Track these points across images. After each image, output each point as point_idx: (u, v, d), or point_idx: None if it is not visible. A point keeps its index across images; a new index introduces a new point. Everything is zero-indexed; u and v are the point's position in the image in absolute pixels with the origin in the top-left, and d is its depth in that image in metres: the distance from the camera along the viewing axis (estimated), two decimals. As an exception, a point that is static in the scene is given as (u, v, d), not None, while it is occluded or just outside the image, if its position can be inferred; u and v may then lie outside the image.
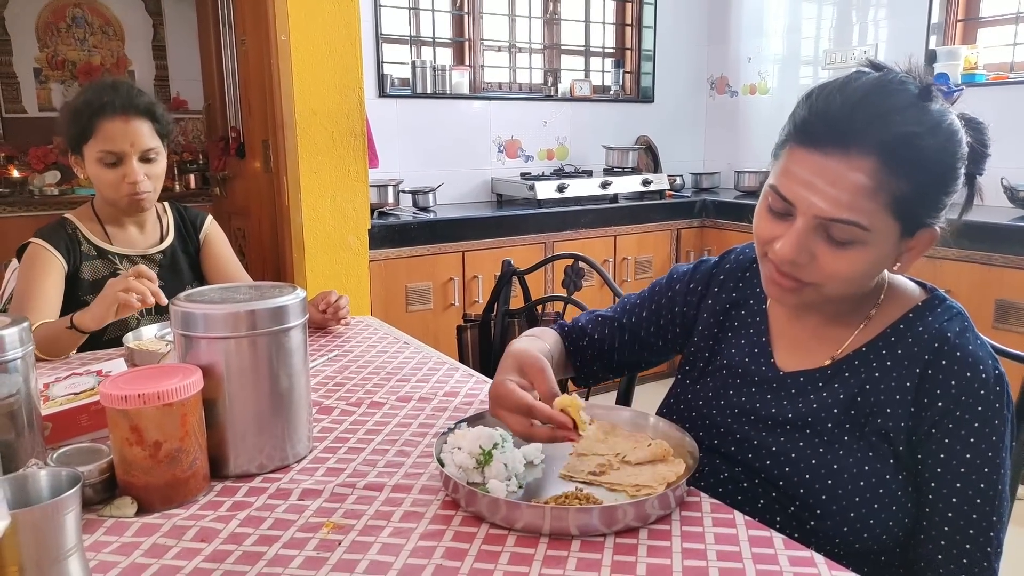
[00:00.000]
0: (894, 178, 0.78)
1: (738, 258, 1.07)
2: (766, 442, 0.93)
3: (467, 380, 1.31)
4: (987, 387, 0.84)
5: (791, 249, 0.82)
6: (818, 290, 0.85)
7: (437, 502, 0.87)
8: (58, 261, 1.57)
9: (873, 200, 0.78)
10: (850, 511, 0.86)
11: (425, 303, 3.08)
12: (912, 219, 0.82)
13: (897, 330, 0.90)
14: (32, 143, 3.79)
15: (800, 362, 0.95)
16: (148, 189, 1.59)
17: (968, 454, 0.83)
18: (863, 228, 0.80)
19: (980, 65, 3.27)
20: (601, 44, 4.24)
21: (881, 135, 0.78)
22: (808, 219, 0.81)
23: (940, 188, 0.82)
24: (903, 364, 0.87)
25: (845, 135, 0.79)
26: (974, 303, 2.69)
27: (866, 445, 0.88)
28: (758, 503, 0.92)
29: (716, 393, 1.01)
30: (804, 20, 3.93)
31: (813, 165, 0.80)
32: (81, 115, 1.54)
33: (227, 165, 3.43)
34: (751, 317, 1.02)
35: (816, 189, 0.80)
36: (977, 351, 0.86)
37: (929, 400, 0.85)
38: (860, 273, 0.84)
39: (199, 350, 0.92)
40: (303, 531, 0.81)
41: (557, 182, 3.46)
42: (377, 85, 3.43)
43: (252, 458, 0.95)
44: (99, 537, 0.80)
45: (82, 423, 1.04)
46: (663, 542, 0.78)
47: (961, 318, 0.90)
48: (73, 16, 3.88)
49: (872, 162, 0.78)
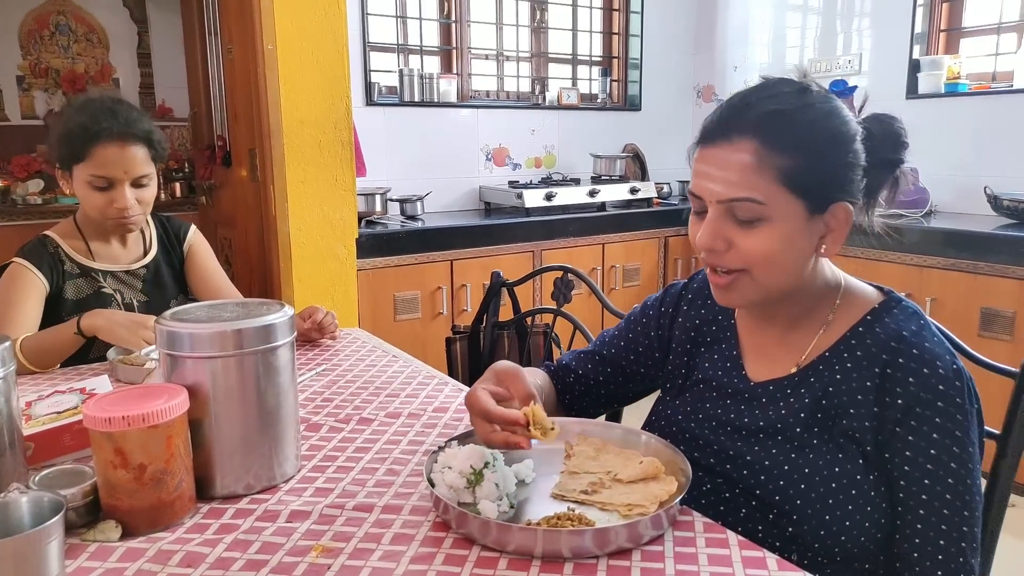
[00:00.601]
0: (775, 152, 0.85)
1: (703, 279, 1.11)
2: (741, 452, 0.95)
3: (457, 395, 1.30)
4: (946, 382, 0.86)
5: (707, 236, 0.89)
6: (751, 278, 0.90)
7: (428, 523, 0.86)
8: (40, 282, 1.54)
9: (759, 175, 0.85)
10: (824, 514, 0.87)
11: (413, 312, 3.06)
12: (813, 194, 0.87)
13: (856, 332, 0.93)
14: (15, 151, 3.74)
15: (769, 371, 0.98)
16: (137, 213, 1.57)
17: (933, 450, 0.85)
18: (759, 203, 0.86)
19: (963, 75, 3.31)
20: (588, 52, 4.26)
21: (756, 117, 0.86)
22: (714, 207, 0.88)
23: (830, 161, 0.87)
24: (863, 365, 0.90)
25: (727, 125, 0.88)
26: (959, 312, 2.71)
27: (835, 447, 0.90)
28: (740, 512, 0.93)
29: (694, 408, 1.03)
30: (789, 29, 3.96)
31: (708, 158, 0.89)
32: (76, 137, 1.49)
33: (213, 174, 3.41)
34: (721, 332, 1.05)
35: (712, 177, 0.88)
36: (934, 348, 0.88)
37: (890, 399, 0.87)
38: (777, 251, 0.87)
39: (185, 369, 0.91)
40: (291, 555, 0.80)
41: (545, 190, 3.46)
42: (364, 93, 3.42)
43: (239, 478, 0.94)
44: (82, 563, 0.79)
45: (65, 443, 1.03)
46: (656, 564, 0.77)
47: (917, 317, 0.93)
48: (57, 24, 3.84)
49: (751, 142, 0.85)
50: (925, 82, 3.34)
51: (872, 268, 2.93)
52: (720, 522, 0.87)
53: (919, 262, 2.85)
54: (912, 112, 3.41)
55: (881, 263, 2.94)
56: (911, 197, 3.16)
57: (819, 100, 0.88)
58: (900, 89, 3.44)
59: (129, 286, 1.65)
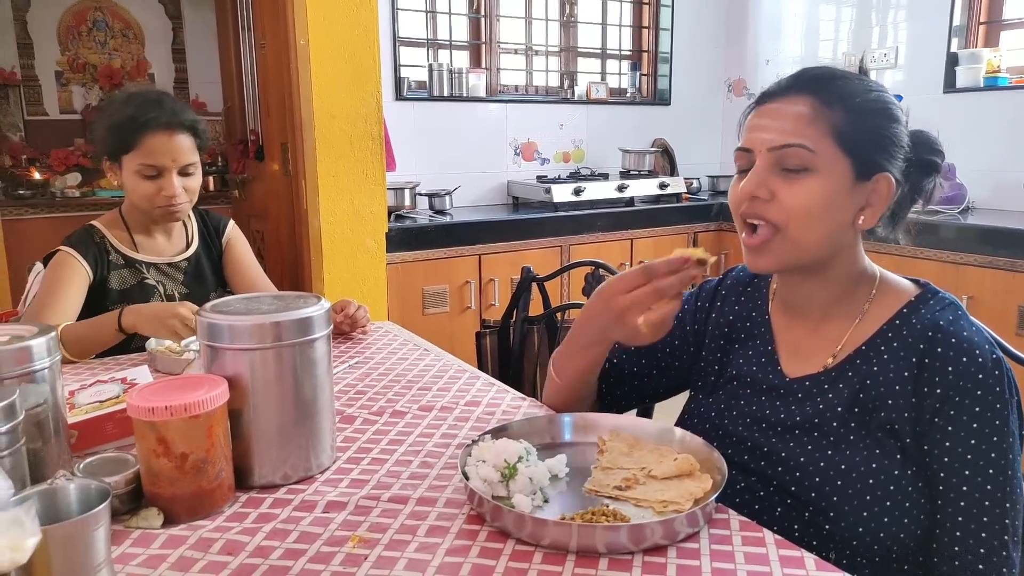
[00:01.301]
0: (829, 109, 0.88)
1: (738, 275, 1.11)
2: (776, 448, 0.95)
3: (488, 389, 1.31)
4: (984, 371, 0.85)
5: (752, 183, 0.90)
6: (784, 237, 0.90)
7: (462, 516, 0.86)
8: (84, 270, 1.58)
9: (813, 126, 0.88)
10: (862, 510, 0.86)
11: (441, 306, 3.08)
12: (861, 157, 0.89)
13: (893, 325, 0.92)
14: (53, 145, 3.83)
15: (805, 367, 0.97)
16: (184, 201, 1.61)
17: (972, 440, 0.84)
18: (810, 150, 0.88)
19: (1003, 68, 3.23)
20: (618, 47, 4.23)
21: (815, 77, 0.92)
22: (763, 156, 0.90)
23: (879, 127, 0.90)
24: (900, 357, 0.90)
25: (784, 89, 0.93)
26: (997, 310, 2.66)
27: (873, 443, 0.89)
28: (776, 511, 0.93)
29: (728, 405, 1.02)
30: (823, 22, 3.89)
31: (762, 114, 0.93)
32: (125, 128, 1.54)
33: (246, 168, 3.45)
34: (755, 328, 1.05)
35: (765, 128, 0.91)
36: (972, 337, 0.88)
37: (928, 389, 0.87)
38: (819, 207, 0.88)
39: (225, 361, 0.92)
40: (329, 545, 0.81)
41: (573, 185, 3.45)
42: (394, 88, 3.44)
43: (276, 468, 0.95)
44: (126, 548, 0.80)
45: (107, 431, 1.05)
46: (692, 561, 0.77)
47: (954, 307, 0.92)
48: (94, 20, 3.92)
49: (808, 98, 0.89)
50: (963, 76, 3.27)
51: (908, 265, 2.88)
52: (755, 521, 0.86)
53: (956, 259, 2.79)
54: (949, 107, 3.34)
55: (917, 260, 2.89)
56: (948, 193, 3.10)
57: (874, 84, 0.93)
58: (937, 83, 3.37)
59: (171, 278, 1.69)
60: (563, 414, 1.06)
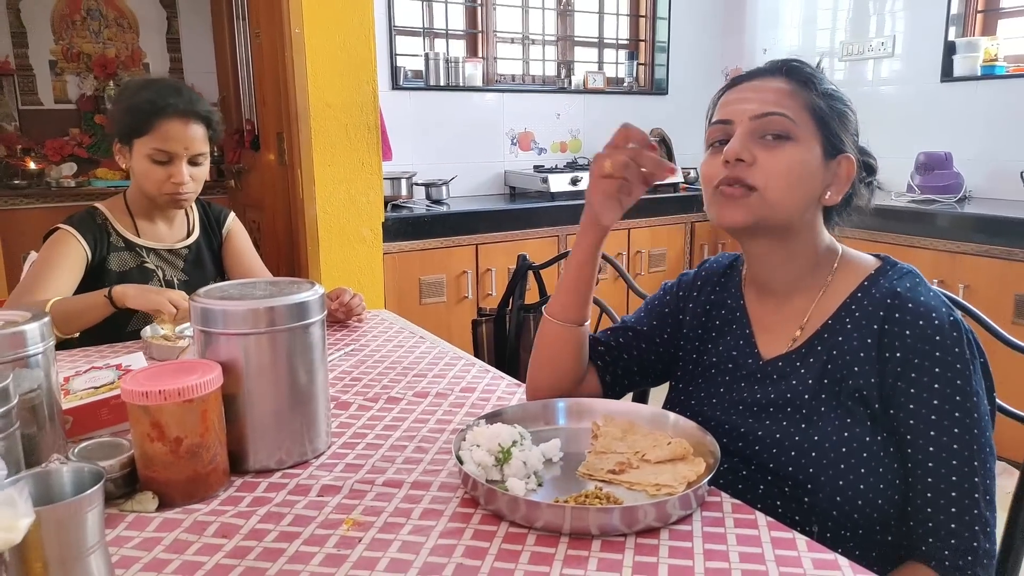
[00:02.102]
0: (804, 90, 0.95)
1: (712, 265, 1.14)
2: (752, 428, 0.97)
3: (483, 376, 1.31)
4: (942, 332, 0.88)
5: (738, 144, 0.93)
6: (760, 196, 0.93)
7: (456, 500, 0.87)
8: (82, 249, 1.59)
9: (792, 99, 0.94)
10: (837, 479, 0.89)
11: (439, 296, 3.08)
12: (829, 135, 0.95)
13: (855, 298, 0.96)
14: (48, 135, 3.81)
15: (777, 345, 1.01)
16: (191, 190, 1.63)
17: (935, 400, 0.87)
18: (790, 120, 0.93)
19: (1000, 57, 3.23)
20: (615, 36, 4.22)
21: (787, 68, 0.98)
22: (745, 124, 0.94)
23: (843, 113, 0.97)
24: (862, 325, 0.93)
25: (759, 72, 0.99)
26: (993, 298, 2.66)
27: (844, 413, 0.91)
28: (758, 490, 0.95)
29: (707, 392, 1.05)
30: (820, 11, 3.88)
31: (740, 91, 0.98)
32: (142, 111, 1.56)
33: (242, 158, 3.44)
34: (731, 314, 1.07)
35: (746, 99, 0.96)
36: (929, 301, 0.91)
37: (889, 353, 0.90)
38: (796, 172, 0.93)
39: (219, 346, 0.92)
40: (323, 528, 0.81)
41: (570, 175, 3.45)
42: (390, 77, 3.43)
43: (271, 453, 0.95)
44: (121, 532, 0.81)
45: (102, 417, 1.05)
46: (685, 543, 0.77)
47: (912, 275, 0.96)
48: (88, 9, 3.89)
49: (784, 78, 0.97)
50: (961, 64, 3.26)
51: (904, 253, 2.88)
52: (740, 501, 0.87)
53: (952, 248, 2.80)
54: (947, 95, 3.34)
55: (913, 249, 2.89)
56: (945, 182, 3.10)
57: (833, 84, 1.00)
58: (935, 72, 3.37)
59: (171, 264, 1.69)
60: (557, 399, 1.06)
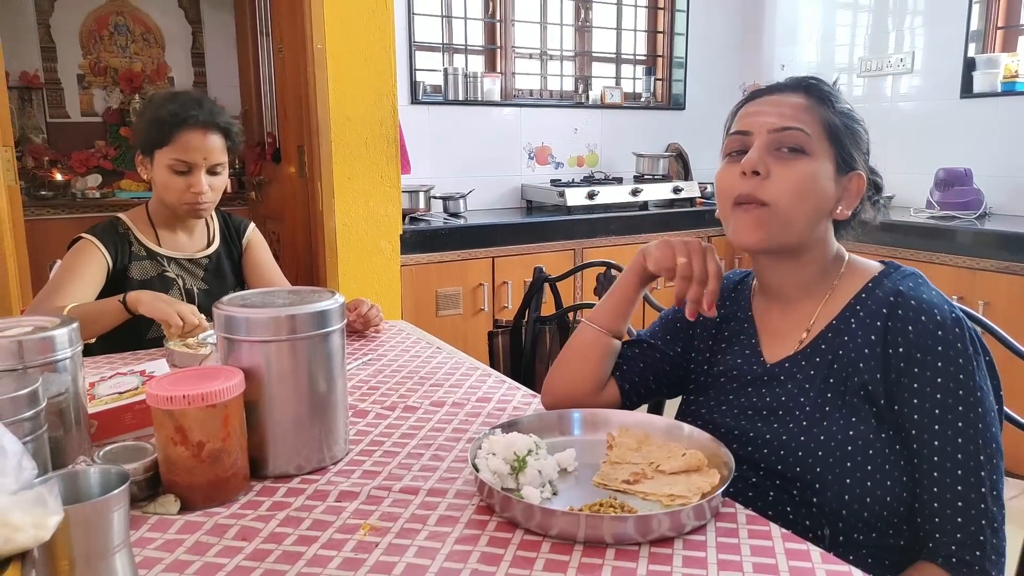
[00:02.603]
0: (821, 106, 0.98)
1: (724, 282, 1.15)
2: (760, 432, 0.98)
3: (499, 386, 1.32)
4: (944, 328, 0.90)
5: (755, 156, 0.96)
6: (773, 213, 0.96)
7: (472, 507, 0.88)
8: (104, 259, 1.62)
9: (809, 114, 0.97)
10: (844, 477, 0.90)
11: (455, 308, 3.10)
12: (843, 151, 0.98)
13: (860, 299, 0.99)
14: (75, 147, 3.89)
15: (782, 349, 1.03)
16: (209, 199, 1.66)
17: (939, 394, 0.88)
18: (806, 134, 0.96)
19: (1020, 73, 3.21)
20: (632, 51, 4.24)
21: (806, 85, 1.01)
22: (763, 136, 0.97)
23: (856, 132, 1.00)
24: (867, 324, 0.95)
25: (779, 86, 1.03)
26: (1013, 315, 2.64)
27: (849, 412, 0.93)
28: (768, 495, 0.96)
29: (717, 400, 1.07)
30: (839, 27, 3.89)
31: (760, 103, 1.01)
32: (164, 123, 1.61)
33: (263, 170, 3.49)
34: (739, 325, 1.10)
35: (765, 112, 0.99)
36: (932, 299, 0.93)
37: (893, 350, 0.92)
38: (809, 188, 0.95)
39: (241, 353, 0.94)
40: (341, 532, 0.83)
41: (587, 189, 3.46)
42: (410, 92, 3.47)
43: (291, 459, 0.97)
44: (143, 533, 0.83)
45: (126, 421, 1.07)
46: (699, 552, 0.78)
47: (915, 276, 0.99)
48: (115, 24, 3.98)
49: (802, 94, 1.00)
50: (980, 81, 3.25)
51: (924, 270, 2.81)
52: (751, 508, 0.88)
53: (972, 264, 2.78)
54: (967, 112, 3.32)
55: (933, 265, 2.87)
56: (965, 198, 3.08)
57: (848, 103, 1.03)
58: (954, 88, 3.36)
59: (191, 274, 1.73)
60: (572, 410, 1.07)
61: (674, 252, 1.02)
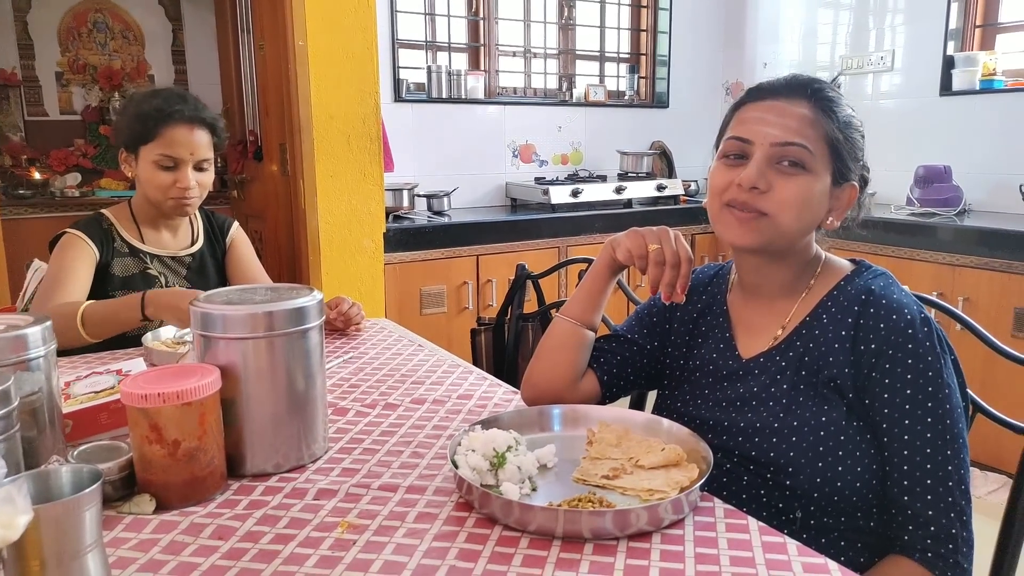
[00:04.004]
0: (825, 119, 0.96)
1: (699, 276, 1.18)
2: (735, 421, 1.00)
3: (481, 383, 1.32)
4: (913, 327, 0.92)
5: (755, 172, 0.95)
6: (772, 224, 0.96)
7: (451, 503, 0.87)
8: (91, 250, 1.61)
9: (814, 129, 0.96)
10: (816, 461, 0.92)
11: (439, 306, 3.09)
12: (840, 165, 0.98)
13: (832, 296, 1.00)
14: (53, 145, 3.84)
15: (758, 345, 1.04)
16: (196, 195, 1.65)
17: (908, 390, 0.90)
18: (809, 151, 0.95)
19: (999, 71, 3.25)
20: (616, 49, 4.25)
21: (811, 90, 0.98)
22: (765, 149, 0.95)
23: (854, 143, 0.99)
24: (838, 320, 0.97)
25: (784, 89, 0.99)
26: (993, 312, 2.67)
27: (820, 401, 0.95)
28: (742, 480, 0.97)
29: (692, 394, 1.08)
30: (820, 25, 3.91)
31: (763, 108, 0.98)
32: (149, 118, 1.59)
33: (244, 168, 3.46)
34: (715, 319, 1.11)
35: (769, 123, 0.96)
36: (901, 298, 0.96)
37: (864, 347, 0.94)
38: (806, 202, 0.96)
39: (218, 350, 0.93)
40: (318, 530, 0.82)
41: (571, 187, 3.46)
42: (393, 90, 3.46)
43: (269, 457, 0.96)
44: (118, 534, 0.82)
45: (102, 421, 1.06)
46: (676, 547, 0.78)
47: (885, 276, 1.01)
48: (94, 21, 3.93)
49: (807, 102, 0.97)
50: (959, 79, 3.28)
51: (904, 267, 2.90)
52: (725, 493, 0.91)
53: (952, 261, 2.80)
54: (946, 109, 3.35)
55: (914, 262, 2.90)
56: (944, 195, 3.11)
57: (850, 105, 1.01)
58: (934, 86, 3.39)
59: (174, 272, 1.71)
60: (552, 406, 1.07)
61: (645, 240, 1.03)
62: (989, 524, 1.05)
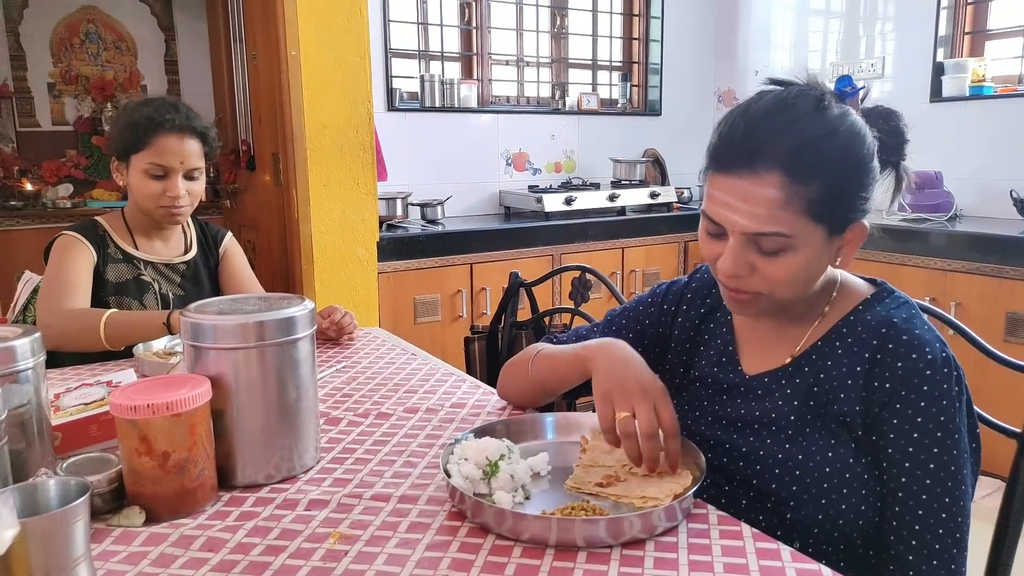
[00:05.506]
0: (802, 186, 0.83)
1: (703, 276, 1.11)
2: (737, 444, 0.97)
3: (474, 391, 1.31)
4: (933, 368, 0.86)
5: (731, 265, 0.88)
6: (770, 298, 0.90)
7: (443, 513, 0.87)
8: (89, 251, 1.62)
9: (787, 210, 0.83)
10: (820, 498, 0.89)
11: (433, 315, 3.08)
12: (835, 219, 0.87)
13: (848, 321, 0.94)
14: (45, 156, 3.83)
15: (763, 364, 0.99)
16: (186, 204, 1.65)
17: (916, 433, 0.86)
18: (786, 236, 0.85)
19: (988, 77, 3.27)
20: (609, 58, 4.26)
21: (782, 148, 0.83)
22: (737, 236, 0.87)
23: (853, 186, 0.87)
24: (853, 351, 0.91)
25: (751, 155, 0.84)
26: (984, 316, 2.68)
27: (828, 434, 0.91)
28: (741, 504, 0.95)
29: (691, 405, 1.04)
30: (811, 33, 3.94)
31: (728, 188, 0.86)
32: (140, 126, 1.59)
33: (237, 178, 3.46)
34: (718, 328, 1.06)
35: (735, 209, 0.86)
36: (924, 335, 0.89)
37: (879, 383, 0.88)
38: (799, 275, 0.88)
39: (208, 361, 0.93)
40: (310, 541, 0.81)
41: (565, 195, 3.47)
42: (386, 99, 3.46)
43: (260, 468, 0.95)
44: (107, 546, 0.81)
45: (92, 433, 1.05)
46: (670, 554, 0.77)
47: (908, 306, 0.94)
48: (87, 32, 3.93)
49: (778, 175, 0.83)
50: (949, 85, 3.31)
51: (896, 272, 2.90)
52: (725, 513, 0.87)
53: (943, 266, 2.81)
54: (936, 116, 3.37)
55: (905, 267, 2.91)
56: (935, 201, 3.13)
57: (839, 121, 0.86)
58: (924, 93, 3.41)
59: (168, 279, 1.71)
60: (546, 414, 1.07)
61: (614, 408, 0.89)
62: (982, 528, 1.05)
